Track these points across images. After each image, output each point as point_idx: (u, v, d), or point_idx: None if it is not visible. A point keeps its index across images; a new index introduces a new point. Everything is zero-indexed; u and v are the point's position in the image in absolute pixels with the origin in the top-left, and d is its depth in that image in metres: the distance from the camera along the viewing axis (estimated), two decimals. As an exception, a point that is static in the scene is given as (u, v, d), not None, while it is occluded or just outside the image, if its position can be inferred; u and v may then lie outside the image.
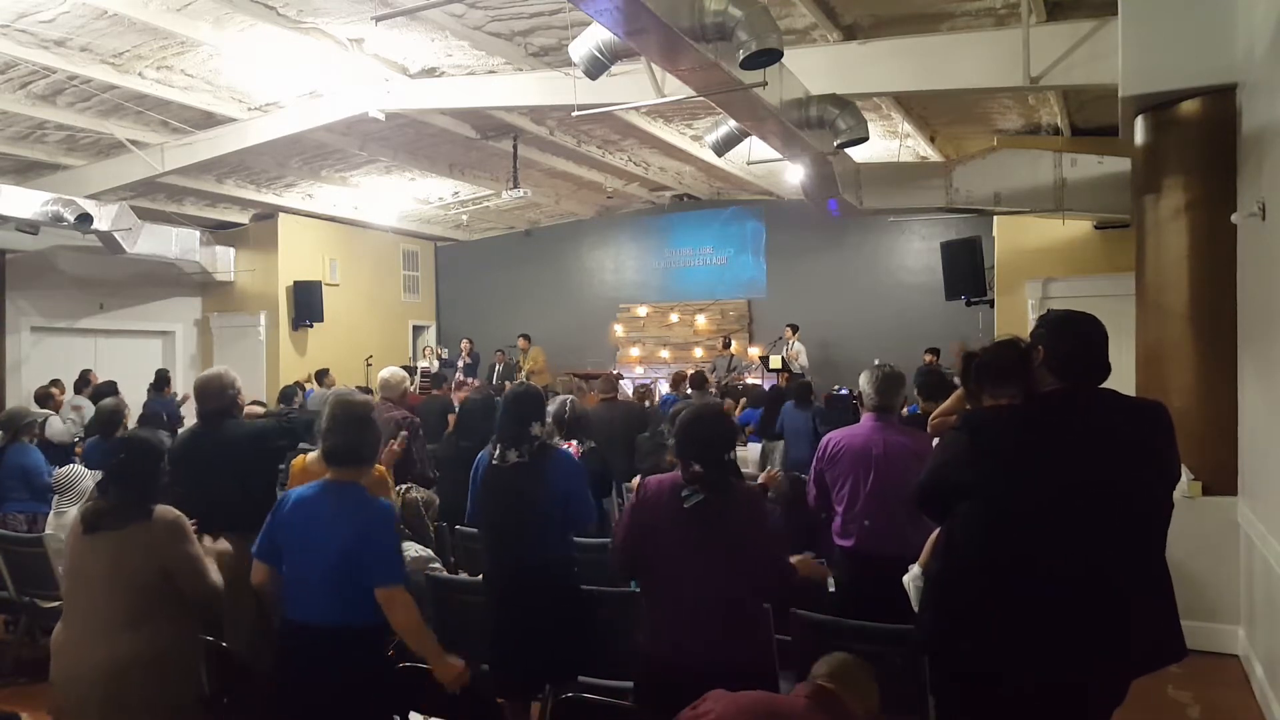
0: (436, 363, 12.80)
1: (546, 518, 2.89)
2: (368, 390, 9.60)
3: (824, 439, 3.44)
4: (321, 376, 9.55)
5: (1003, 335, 2.34)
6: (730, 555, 2.35)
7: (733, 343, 11.58)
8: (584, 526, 3.01)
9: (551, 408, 3.99)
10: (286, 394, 7.91)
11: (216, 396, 3.37)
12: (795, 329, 10.83)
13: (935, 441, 3.02)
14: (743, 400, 8.93)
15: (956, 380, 3.27)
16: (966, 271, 9.17)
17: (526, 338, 12.15)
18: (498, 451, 2.95)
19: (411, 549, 3.34)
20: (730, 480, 2.42)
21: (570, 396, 4.35)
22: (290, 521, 2.40)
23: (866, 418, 3.36)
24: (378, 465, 3.24)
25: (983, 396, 2.27)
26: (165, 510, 2.48)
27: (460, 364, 12.21)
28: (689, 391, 7.00)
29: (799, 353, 10.64)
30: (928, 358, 9.89)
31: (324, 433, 2.45)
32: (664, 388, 12.23)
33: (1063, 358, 2.08)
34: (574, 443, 4.09)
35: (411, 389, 8.61)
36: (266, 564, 2.44)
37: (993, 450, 2.04)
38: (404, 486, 3.70)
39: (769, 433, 6.93)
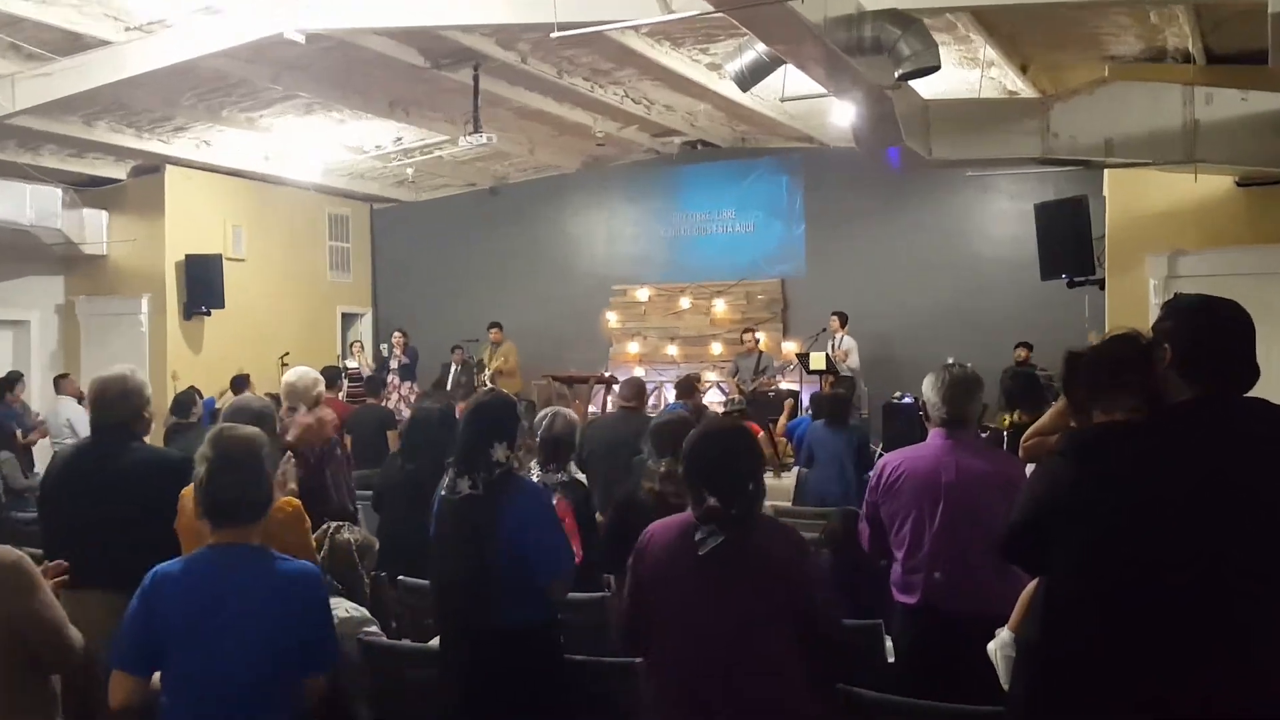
0: (370, 362, 12.79)
1: (503, 569, 2.89)
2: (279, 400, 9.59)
3: (880, 463, 3.47)
4: (241, 386, 9.45)
5: (1118, 328, 2.34)
6: (765, 610, 2.38)
7: (761, 336, 11.57)
8: (554, 580, 3.01)
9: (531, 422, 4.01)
10: (181, 403, 7.93)
11: (116, 405, 3.31)
12: (843, 319, 10.83)
13: (1029, 469, 3.03)
14: (788, 403, 8.89)
15: (1057, 386, 3.29)
16: (1068, 242, 9.18)
17: (499, 328, 12.14)
18: (448, 480, 3.00)
19: (341, 607, 3.33)
20: (756, 514, 2.46)
21: (559, 410, 4.35)
22: (178, 611, 2.34)
23: (934, 435, 3.37)
24: (288, 499, 3.24)
25: (1092, 409, 2.28)
26: (3, 552, 2.46)
27: (394, 364, 12.21)
28: (682, 401, 6.95)
29: (848, 350, 10.65)
30: (1021, 354, 9.90)
31: (203, 481, 2.41)
32: (670, 395, 12.28)
33: (1196, 358, 2.08)
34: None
35: (337, 395, 8.69)
36: (134, 675, 2.35)
37: (1105, 481, 2.05)
38: (331, 525, 3.68)
39: (805, 460, 6.93)
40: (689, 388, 7.12)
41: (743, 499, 2.43)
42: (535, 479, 3.97)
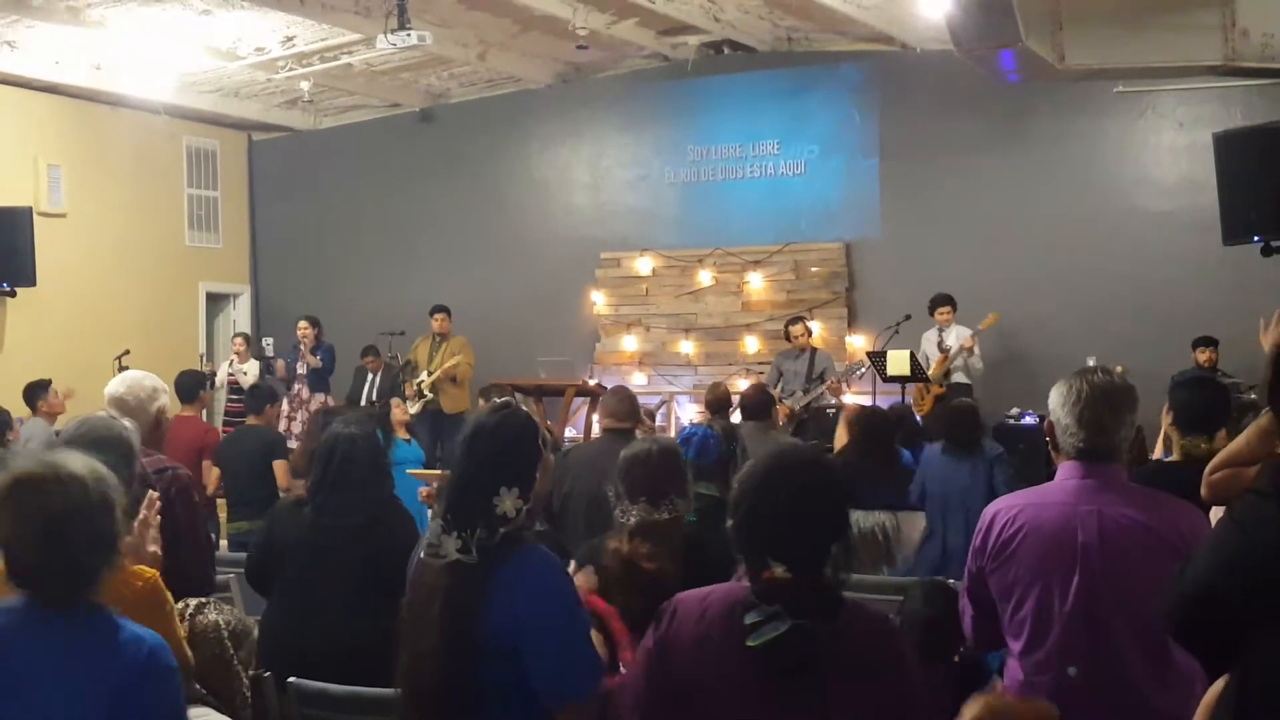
0: (253, 365, 12.77)
1: (486, 677, 2.88)
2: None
3: (988, 513, 3.47)
4: (36, 396, 9.50)
5: None
6: None
7: (817, 328, 11.55)
8: (568, 704, 2.94)
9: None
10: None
11: None
12: (951, 306, 10.80)
13: (1215, 515, 3.03)
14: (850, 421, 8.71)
15: (1253, 397, 3.29)
16: (1263, 189, 9.17)
17: (446, 313, 12.13)
18: (432, 535, 3.00)
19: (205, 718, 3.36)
20: (838, 594, 2.48)
21: None
22: None
23: (1065, 471, 3.38)
24: (141, 568, 3.26)
25: None
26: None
27: (301, 366, 12.24)
28: (695, 418, 6.96)
29: (961, 350, 10.64)
30: (1203, 356, 9.86)
31: (6, 540, 2.50)
32: (687, 413, 12.24)
33: None
34: None
35: (198, 412, 8.65)
36: None
37: None
38: (189, 603, 3.69)
39: (915, 503, 7.03)
40: (723, 399, 7.05)
41: (821, 566, 2.45)
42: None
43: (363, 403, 11.62)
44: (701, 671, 2.48)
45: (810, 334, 11.26)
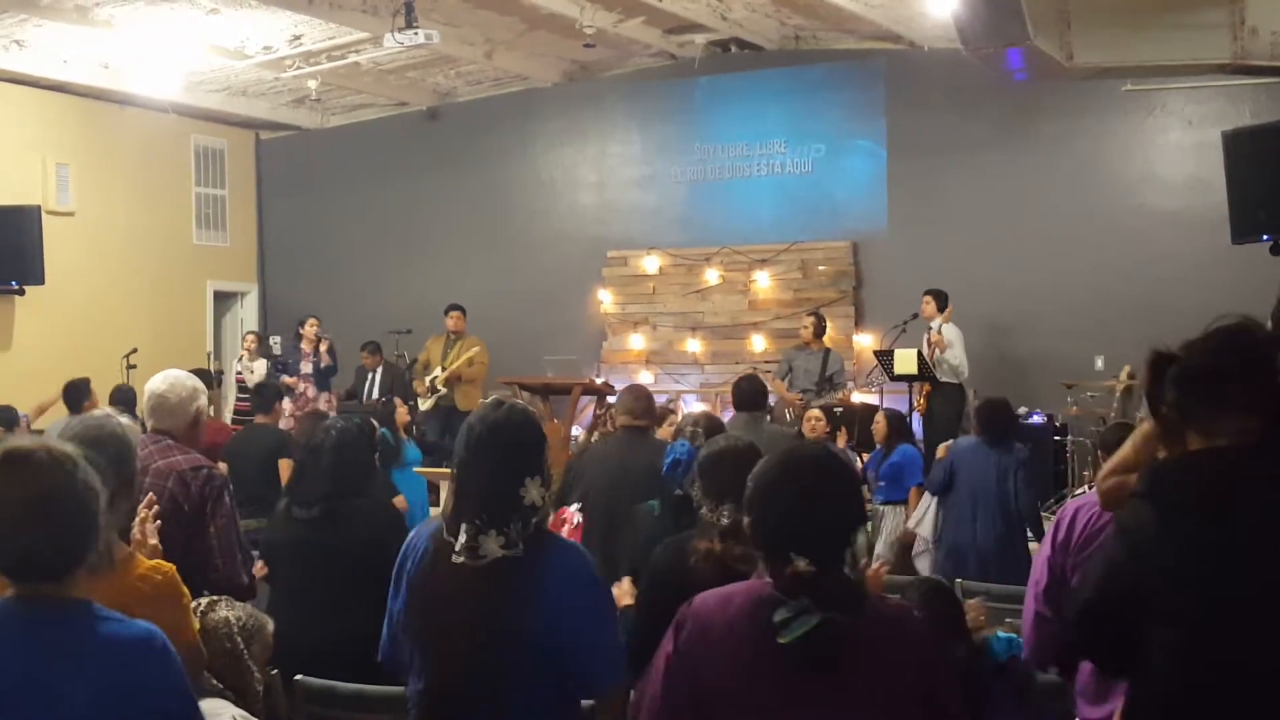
0: (261, 364, 12.82)
1: (536, 675, 2.92)
2: (130, 412, 9.51)
3: (1066, 510, 3.48)
4: (78, 396, 9.47)
5: (1226, 317, 2.37)
6: None
7: (827, 326, 11.59)
8: (609, 689, 3.05)
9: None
10: (4, 420, 8.11)
11: None
12: (942, 300, 10.81)
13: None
14: (878, 424, 8.68)
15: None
16: (1272, 187, 9.17)
17: (461, 312, 12.14)
18: (463, 537, 2.98)
19: (224, 712, 3.37)
20: (863, 586, 2.48)
21: None
22: None
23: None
24: (159, 562, 3.27)
25: (1187, 433, 2.31)
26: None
27: (306, 365, 12.25)
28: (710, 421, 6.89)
29: (949, 342, 10.63)
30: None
31: None
32: (691, 409, 12.24)
33: None
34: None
35: (205, 411, 8.67)
36: None
37: (1197, 533, 2.09)
38: (201, 601, 3.69)
39: (939, 486, 7.22)
40: (755, 392, 6.99)
41: (841, 561, 2.45)
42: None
43: (364, 401, 11.64)
44: (728, 673, 2.44)
45: (819, 332, 11.17)
